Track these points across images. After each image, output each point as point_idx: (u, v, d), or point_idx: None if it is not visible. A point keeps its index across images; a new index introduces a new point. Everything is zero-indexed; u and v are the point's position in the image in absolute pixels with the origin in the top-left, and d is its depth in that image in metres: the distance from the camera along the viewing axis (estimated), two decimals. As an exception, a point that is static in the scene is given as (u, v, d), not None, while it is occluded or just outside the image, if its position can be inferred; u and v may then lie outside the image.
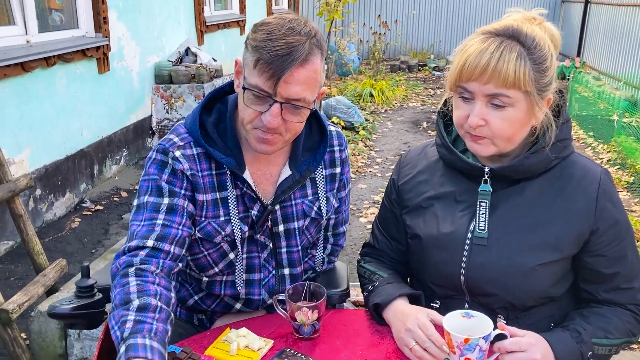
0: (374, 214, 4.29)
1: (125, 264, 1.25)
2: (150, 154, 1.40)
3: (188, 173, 1.37)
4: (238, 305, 1.55)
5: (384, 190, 1.59)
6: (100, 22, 4.77)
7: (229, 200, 1.41)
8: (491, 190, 1.34)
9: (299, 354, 1.30)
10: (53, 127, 4.22)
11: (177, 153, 1.37)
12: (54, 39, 4.32)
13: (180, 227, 1.33)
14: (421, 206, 1.44)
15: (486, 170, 1.33)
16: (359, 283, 1.57)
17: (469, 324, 1.23)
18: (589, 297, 1.36)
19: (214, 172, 1.40)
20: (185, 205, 1.36)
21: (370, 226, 4.03)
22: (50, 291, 2.75)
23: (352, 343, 1.36)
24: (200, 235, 1.41)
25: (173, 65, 5.96)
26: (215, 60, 6.50)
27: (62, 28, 4.55)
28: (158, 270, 1.25)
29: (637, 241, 3.46)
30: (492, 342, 1.22)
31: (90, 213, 4.40)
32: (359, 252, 1.68)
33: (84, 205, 4.53)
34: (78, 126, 4.56)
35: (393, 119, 7.69)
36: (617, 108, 7.11)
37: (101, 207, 4.51)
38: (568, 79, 9.32)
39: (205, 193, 1.39)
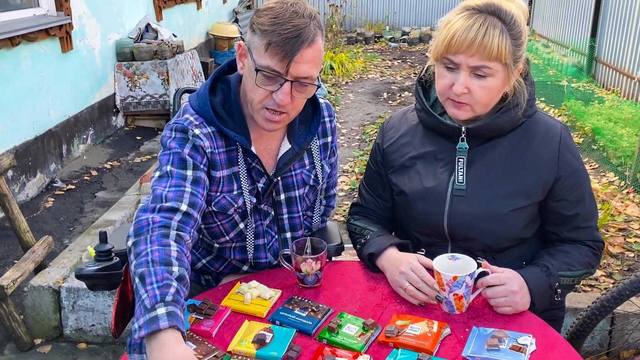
0: (344, 182, 4.46)
1: (162, 224, 1.30)
2: (166, 132, 1.49)
3: (208, 151, 1.47)
4: (245, 268, 1.69)
5: (352, 160, 1.76)
6: (62, 0, 4.71)
7: (240, 175, 1.54)
8: (467, 147, 1.51)
9: (306, 300, 1.46)
10: (21, 107, 4.20)
11: (197, 131, 1.47)
12: (16, 18, 4.27)
13: (202, 199, 1.43)
14: (405, 165, 1.61)
15: (463, 129, 1.50)
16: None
17: (455, 265, 1.41)
18: (554, 237, 1.57)
19: (225, 149, 1.51)
20: (205, 179, 1.46)
21: (342, 194, 4.21)
22: (39, 267, 2.83)
23: (351, 289, 1.53)
24: (215, 209, 1.53)
25: (134, 42, 5.92)
26: (175, 36, 6.48)
27: (23, 7, 4.49)
28: (189, 241, 1.33)
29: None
30: (476, 280, 1.40)
31: (62, 192, 4.42)
32: (347, 212, 1.84)
33: (55, 185, 4.54)
34: (45, 106, 4.54)
35: (354, 90, 7.84)
36: (565, 74, 7.46)
37: (73, 187, 4.53)
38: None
39: (221, 169, 1.50)
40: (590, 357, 2.47)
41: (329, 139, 1.69)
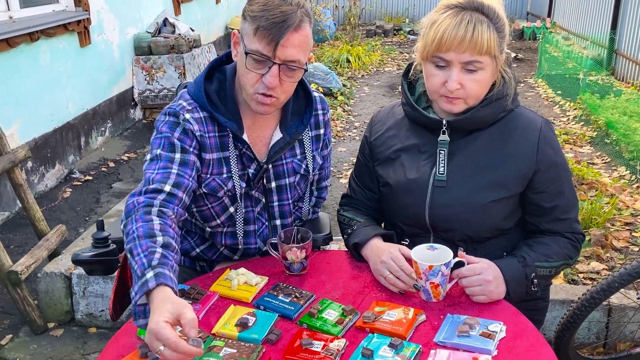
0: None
1: (145, 204, 1.39)
2: (160, 117, 1.58)
3: (197, 134, 1.56)
4: (236, 257, 1.76)
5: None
6: (80, -5, 4.84)
7: (231, 159, 1.61)
8: (449, 140, 1.56)
9: (291, 287, 1.52)
10: (40, 101, 4.34)
11: (187, 115, 1.55)
12: (36, 14, 4.41)
13: (191, 179, 1.51)
14: (390, 157, 1.66)
15: (444, 122, 1.55)
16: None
17: (432, 255, 1.47)
18: (534, 229, 1.61)
19: (217, 134, 1.59)
20: (194, 161, 1.54)
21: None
22: (53, 255, 2.95)
23: (335, 277, 1.59)
24: (205, 190, 1.61)
25: (152, 37, 6.04)
26: (193, 30, 6.59)
27: (43, 3, 4.62)
28: (174, 217, 1.42)
29: (594, 190, 3.75)
30: (452, 270, 1.45)
31: (80, 183, 4.56)
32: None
33: (73, 176, 4.68)
34: (63, 99, 4.68)
35: (370, 83, 7.87)
36: (584, 67, 7.38)
37: (90, 178, 4.67)
38: (538, 40, 9.54)
39: (211, 152, 1.58)
40: (586, 349, 2.50)
41: (322, 131, 1.75)
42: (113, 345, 1.34)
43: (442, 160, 1.56)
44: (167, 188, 1.45)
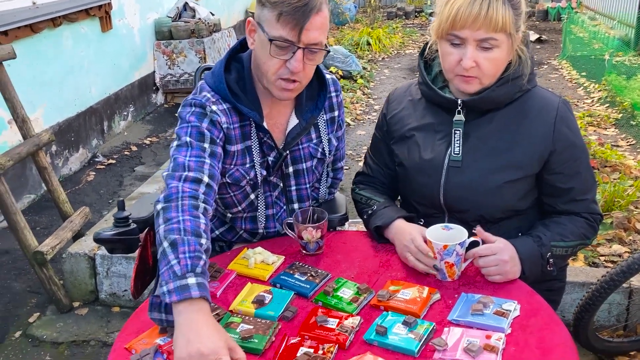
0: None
1: (191, 194, 1.38)
2: (184, 108, 1.57)
3: (224, 126, 1.55)
4: (255, 240, 1.78)
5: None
6: (100, -20, 4.88)
7: (253, 149, 1.62)
8: (464, 120, 1.56)
9: (307, 266, 1.54)
10: (63, 85, 4.41)
11: (214, 107, 1.55)
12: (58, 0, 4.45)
13: (219, 171, 1.52)
14: (405, 136, 1.66)
15: (459, 102, 1.54)
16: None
17: (448, 235, 1.47)
18: (550, 209, 1.60)
19: (240, 125, 1.60)
20: (221, 153, 1.55)
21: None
22: (77, 236, 3.01)
23: (351, 257, 1.60)
24: (229, 181, 1.63)
25: (172, 21, 6.07)
26: (213, 15, 6.59)
27: (64, -12, 4.66)
28: (211, 213, 1.43)
29: (618, 172, 3.69)
30: (468, 249, 1.46)
31: (103, 167, 4.64)
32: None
33: (97, 159, 4.76)
34: (86, 84, 4.74)
35: (390, 66, 7.82)
36: (610, 47, 7.22)
37: (113, 161, 4.74)
38: (563, 20, 9.34)
39: (236, 144, 1.59)
40: (606, 331, 2.48)
41: (336, 113, 1.76)
42: (133, 321, 1.38)
43: (457, 140, 1.56)
44: (206, 179, 1.44)
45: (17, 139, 3.54)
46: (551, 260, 1.49)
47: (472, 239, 1.46)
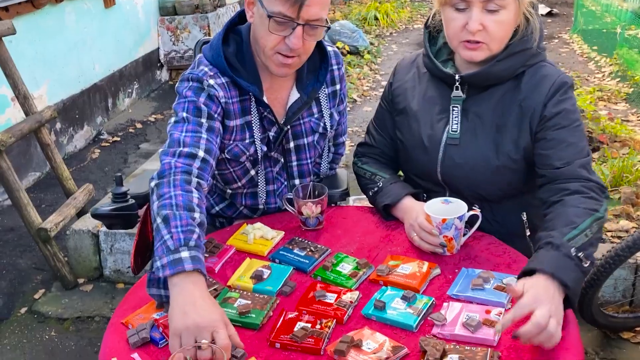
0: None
1: (184, 169, 1.36)
2: (181, 83, 1.54)
3: (222, 101, 1.52)
4: (255, 216, 1.76)
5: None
6: (102, -45, 4.82)
7: (253, 124, 1.59)
8: (464, 96, 1.51)
9: (306, 241, 1.53)
10: (66, 62, 4.38)
11: (212, 81, 1.51)
12: (60, -26, 4.40)
13: (217, 147, 1.49)
14: (406, 109, 1.62)
15: (457, 77, 1.50)
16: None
17: (447, 209, 1.45)
18: (544, 181, 1.45)
19: (240, 99, 1.56)
20: (219, 128, 1.52)
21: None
22: (81, 213, 3.02)
23: (351, 232, 1.58)
24: (228, 156, 1.60)
25: (176, -3, 6.00)
26: (217, -10, 6.51)
27: (66, -37, 4.61)
28: (206, 188, 1.41)
29: (627, 147, 3.64)
30: (468, 224, 1.43)
31: (108, 144, 4.63)
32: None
33: (101, 137, 4.75)
34: (90, 61, 4.71)
35: (398, 41, 7.72)
36: (622, 21, 7.06)
37: (118, 139, 4.73)
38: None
39: (235, 119, 1.56)
40: (612, 307, 2.47)
41: (338, 86, 1.72)
42: (130, 296, 1.37)
43: (455, 117, 1.52)
44: (201, 154, 1.42)
45: (21, 117, 3.53)
46: (581, 254, 1.25)
47: (471, 212, 1.43)
